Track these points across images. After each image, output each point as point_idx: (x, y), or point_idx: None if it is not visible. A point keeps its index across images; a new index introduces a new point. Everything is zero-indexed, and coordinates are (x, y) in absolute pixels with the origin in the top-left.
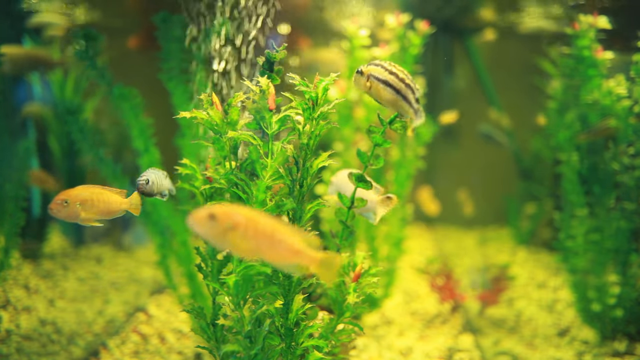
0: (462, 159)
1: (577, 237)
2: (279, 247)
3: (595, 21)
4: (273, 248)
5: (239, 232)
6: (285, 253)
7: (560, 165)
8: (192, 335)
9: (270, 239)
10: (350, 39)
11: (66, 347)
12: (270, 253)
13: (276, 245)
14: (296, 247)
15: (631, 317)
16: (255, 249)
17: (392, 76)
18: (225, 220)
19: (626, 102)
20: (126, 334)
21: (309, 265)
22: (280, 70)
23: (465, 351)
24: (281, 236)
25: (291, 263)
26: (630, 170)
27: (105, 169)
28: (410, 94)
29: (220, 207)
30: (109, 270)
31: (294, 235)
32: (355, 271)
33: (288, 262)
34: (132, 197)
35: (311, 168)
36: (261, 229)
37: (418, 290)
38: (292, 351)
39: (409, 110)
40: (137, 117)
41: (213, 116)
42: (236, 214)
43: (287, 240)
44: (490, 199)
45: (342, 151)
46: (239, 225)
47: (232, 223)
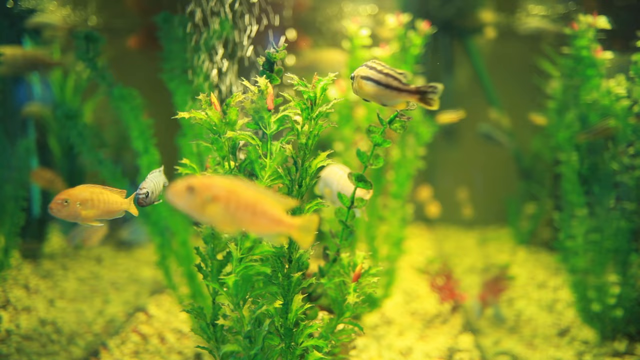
0: (462, 159)
1: (577, 237)
2: (261, 218)
3: (594, 21)
4: (254, 219)
5: (220, 204)
6: (266, 223)
7: (560, 165)
8: (192, 335)
9: (252, 210)
10: (351, 38)
11: (66, 347)
12: (252, 224)
13: (258, 216)
14: (277, 216)
15: (631, 317)
16: (236, 221)
17: (372, 71)
18: (204, 192)
19: (625, 102)
20: (126, 334)
21: (288, 232)
22: (280, 70)
23: (465, 351)
24: (263, 207)
25: (272, 232)
26: (630, 170)
27: (105, 171)
28: (393, 81)
29: (198, 179)
30: (109, 270)
31: (274, 204)
32: (356, 271)
33: (269, 232)
34: (131, 197)
35: (310, 168)
36: (243, 201)
37: (418, 290)
38: (292, 351)
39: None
40: (137, 118)
41: (211, 116)
42: (215, 185)
43: (269, 210)
44: (490, 199)
45: (342, 151)
46: (220, 197)
47: (211, 195)
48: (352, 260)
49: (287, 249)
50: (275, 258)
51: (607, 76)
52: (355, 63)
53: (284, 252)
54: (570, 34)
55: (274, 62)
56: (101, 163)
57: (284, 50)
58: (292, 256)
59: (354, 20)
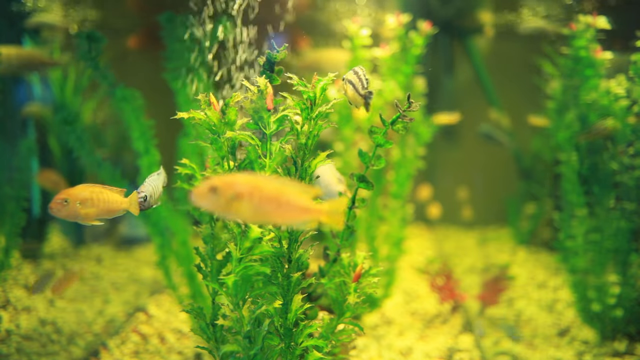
0: (462, 159)
1: (577, 237)
2: (287, 209)
3: (594, 21)
4: (281, 211)
5: (244, 201)
6: (293, 213)
7: (560, 165)
8: (192, 335)
9: (277, 202)
10: (351, 38)
11: (66, 347)
12: (278, 215)
13: (284, 208)
14: (303, 204)
15: (631, 317)
16: (263, 214)
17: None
18: (227, 191)
19: (624, 102)
20: (126, 334)
21: (317, 218)
22: (281, 70)
23: (465, 351)
24: (287, 197)
25: (301, 221)
26: (630, 170)
27: (104, 174)
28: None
29: (220, 179)
30: (109, 270)
31: (298, 193)
32: (356, 271)
33: (298, 221)
34: (131, 197)
35: (309, 168)
36: (266, 195)
37: (418, 290)
38: (292, 351)
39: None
40: (138, 119)
41: (211, 116)
42: (238, 183)
43: (294, 200)
44: (490, 199)
45: (343, 151)
46: (243, 194)
47: (234, 193)
48: (353, 260)
49: (287, 248)
50: (274, 258)
51: (607, 76)
52: (355, 63)
53: (283, 252)
54: (568, 34)
55: (274, 62)
56: (100, 166)
57: (285, 51)
58: (292, 256)
59: (355, 20)
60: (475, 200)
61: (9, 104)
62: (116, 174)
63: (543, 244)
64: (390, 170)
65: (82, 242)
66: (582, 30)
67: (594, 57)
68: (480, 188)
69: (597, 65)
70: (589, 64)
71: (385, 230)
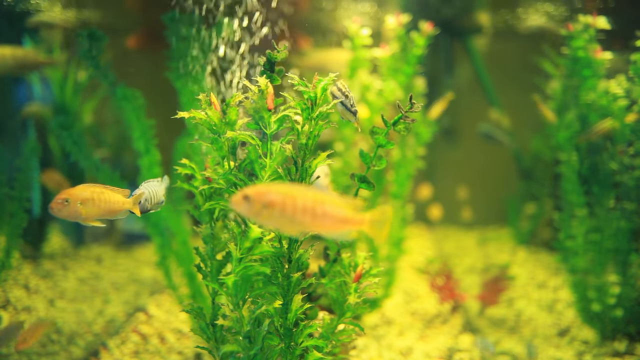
0: (462, 159)
1: (577, 237)
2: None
3: (594, 21)
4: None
5: (276, 209)
6: (332, 224)
7: (560, 165)
8: (192, 335)
9: (313, 212)
10: (351, 38)
11: (66, 347)
12: (315, 226)
13: (320, 218)
14: (342, 215)
15: (631, 317)
16: (298, 224)
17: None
18: (259, 200)
19: (623, 102)
20: (126, 334)
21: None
22: (281, 70)
23: (465, 351)
24: (324, 208)
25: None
26: (630, 170)
27: (103, 176)
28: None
29: (254, 187)
30: (109, 270)
31: (337, 204)
32: (357, 271)
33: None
34: (134, 197)
35: (310, 168)
36: (300, 205)
37: (418, 290)
38: (292, 351)
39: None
40: (139, 119)
41: (211, 116)
42: (270, 192)
43: (332, 211)
44: (490, 199)
45: (343, 151)
46: (275, 203)
47: (266, 201)
48: (353, 260)
49: (287, 249)
50: (274, 258)
51: (607, 76)
52: (356, 63)
53: (283, 252)
54: (565, 34)
55: (275, 62)
56: (99, 169)
57: (285, 51)
58: (292, 256)
59: (355, 20)
60: (475, 200)
61: (9, 104)
62: (115, 175)
63: (543, 244)
64: (390, 171)
65: (82, 242)
66: (579, 31)
67: (592, 57)
68: (480, 188)
69: (595, 66)
70: (587, 64)
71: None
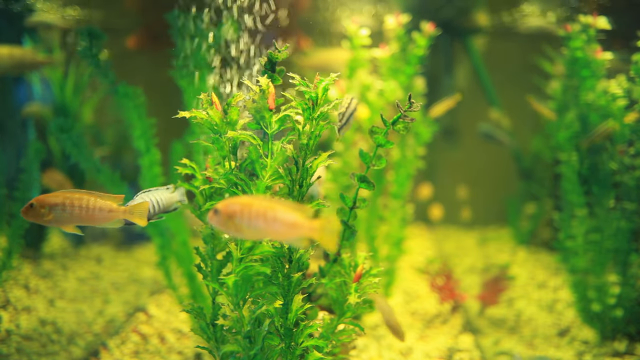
0: (462, 159)
1: (577, 237)
2: (276, 224)
3: (594, 22)
4: (270, 226)
5: (237, 218)
6: (283, 229)
7: (560, 165)
8: (192, 335)
9: (264, 218)
10: (350, 38)
11: (66, 347)
12: (270, 231)
13: (272, 223)
14: (292, 221)
15: (631, 317)
16: (256, 231)
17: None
18: (224, 212)
19: (622, 102)
20: (126, 334)
21: (309, 235)
22: (282, 70)
23: (465, 351)
24: (274, 214)
25: (293, 237)
26: (631, 170)
27: (103, 177)
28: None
29: (222, 202)
30: (109, 270)
31: (288, 210)
32: (357, 271)
33: (290, 237)
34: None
35: (311, 168)
36: (254, 212)
37: (418, 290)
38: (292, 351)
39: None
40: (140, 117)
41: (212, 116)
42: (232, 203)
43: (282, 216)
44: (490, 199)
45: (342, 151)
46: (235, 212)
47: (229, 212)
48: (354, 260)
49: (287, 249)
50: (275, 258)
51: (607, 76)
52: (355, 63)
53: (284, 252)
54: (564, 35)
55: (276, 62)
56: (99, 171)
57: (286, 51)
58: (292, 256)
59: (354, 20)
60: (475, 200)
61: (9, 104)
62: (115, 176)
63: (543, 244)
64: (390, 170)
65: (82, 242)
66: (577, 32)
67: (590, 57)
68: (480, 188)
69: (594, 66)
70: (585, 65)
71: (385, 230)
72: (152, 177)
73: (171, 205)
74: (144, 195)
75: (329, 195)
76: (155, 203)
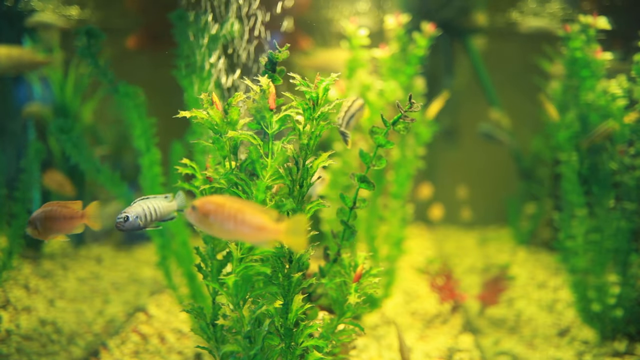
0: (462, 159)
1: (577, 237)
2: (244, 226)
3: (594, 22)
4: (239, 228)
5: (211, 217)
6: (250, 231)
7: (560, 165)
8: (192, 335)
9: (234, 220)
10: (349, 38)
11: (66, 347)
12: (239, 233)
13: (241, 225)
14: (259, 223)
15: (631, 317)
16: (227, 232)
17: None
18: (200, 209)
19: (621, 102)
20: (126, 334)
21: (275, 237)
22: (282, 70)
23: (465, 351)
24: (243, 216)
25: (260, 240)
26: (631, 170)
27: (103, 178)
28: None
29: (201, 199)
30: (109, 270)
31: (255, 213)
32: (357, 272)
33: (257, 239)
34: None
35: (311, 168)
36: (226, 213)
37: (418, 290)
38: (292, 351)
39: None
40: (140, 116)
41: (213, 116)
42: (208, 202)
43: (249, 219)
44: (490, 199)
45: (342, 151)
46: (210, 211)
47: (205, 211)
48: (354, 260)
49: (287, 249)
50: (275, 258)
51: (607, 76)
52: (354, 64)
53: (284, 252)
54: (563, 35)
55: (276, 62)
56: (99, 171)
57: (287, 51)
58: (293, 256)
59: (352, 20)
60: (475, 200)
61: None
62: (115, 176)
63: (543, 244)
64: (390, 171)
65: (82, 242)
66: (577, 32)
67: (590, 57)
68: (480, 188)
69: (593, 66)
70: (584, 65)
71: (385, 230)
72: (152, 177)
73: (169, 214)
74: (141, 202)
75: (329, 196)
76: (153, 211)
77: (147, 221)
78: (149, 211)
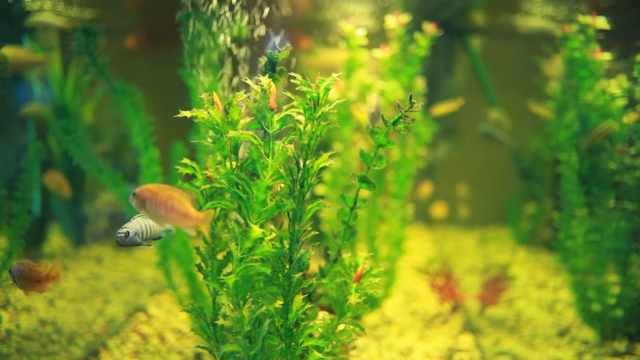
0: (462, 159)
1: (577, 237)
2: (173, 213)
3: (593, 22)
4: (169, 214)
5: (147, 204)
6: (177, 217)
7: (560, 165)
8: (192, 335)
9: (165, 207)
10: (347, 38)
11: (66, 347)
12: (169, 218)
13: (170, 212)
14: (184, 211)
15: (631, 317)
16: (160, 217)
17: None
18: (140, 196)
19: (621, 102)
20: (126, 334)
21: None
22: (282, 70)
23: (465, 351)
24: (172, 203)
25: (185, 224)
26: (631, 170)
27: (105, 178)
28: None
29: (141, 187)
30: (109, 270)
31: (182, 202)
32: (357, 272)
33: (182, 224)
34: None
35: (312, 168)
36: (159, 200)
37: (418, 290)
38: (292, 351)
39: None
40: (137, 114)
41: (214, 115)
42: (145, 190)
43: (177, 206)
44: (490, 199)
45: (342, 151)
46: (146, 198)
47: (142, 198)
48: (354, 260)
49: (288, 249)
50: (275, 258)
51: (607, 76)
52: (352, 64)
53: (284, 252)
54: (561, 36)
55: (276, 62)
56: (101, 171)
57: (287, 51)
58: (293, 256)
59: (350, 20)
60: (475, 200)
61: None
62: (117, 177)
63: (543, 244)
64: (390, 171)
65: (82, 242)
66: (575, 32)
67: (588, 58)
68: (480, 188)
69: (592, 66)
70: (583, 65)
71: (385, 230)
72: (151, 176)
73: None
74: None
75: (329, 196)
76: (148, 229)
77: (142, 239)
78: (145, 229)
